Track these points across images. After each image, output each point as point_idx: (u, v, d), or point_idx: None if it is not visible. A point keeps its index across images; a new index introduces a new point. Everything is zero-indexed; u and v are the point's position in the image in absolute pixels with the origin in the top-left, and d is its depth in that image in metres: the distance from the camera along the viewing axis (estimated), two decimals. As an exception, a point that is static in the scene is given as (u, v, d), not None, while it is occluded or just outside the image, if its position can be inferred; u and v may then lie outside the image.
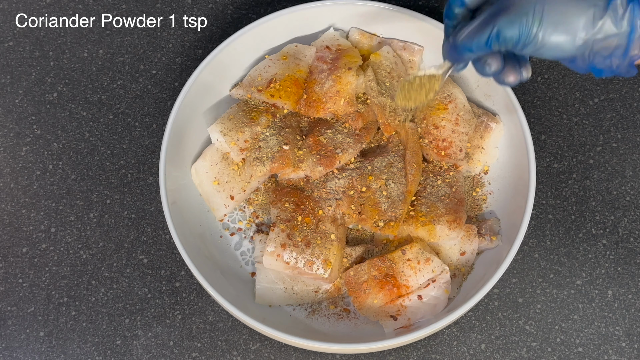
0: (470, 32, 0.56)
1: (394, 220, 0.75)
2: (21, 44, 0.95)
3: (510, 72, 0.59)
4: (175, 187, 0.77)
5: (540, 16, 0.52)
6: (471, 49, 0.56)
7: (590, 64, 0.54)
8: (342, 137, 0.79)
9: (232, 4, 0.97)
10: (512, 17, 0.53)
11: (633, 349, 0.78)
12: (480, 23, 0.55)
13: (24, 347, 0.80)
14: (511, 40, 0.53)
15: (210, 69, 0.81)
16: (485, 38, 0.54)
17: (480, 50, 0.56)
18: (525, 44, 0.53)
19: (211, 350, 0.79)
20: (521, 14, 0.52)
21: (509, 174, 0.80)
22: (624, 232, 0.83)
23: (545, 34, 0.52)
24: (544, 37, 0.52)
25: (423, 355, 0.78)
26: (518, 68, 0.59)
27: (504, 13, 0.53)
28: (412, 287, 0.74)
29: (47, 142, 0.90)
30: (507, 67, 0.59)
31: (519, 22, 0.53)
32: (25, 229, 0.85)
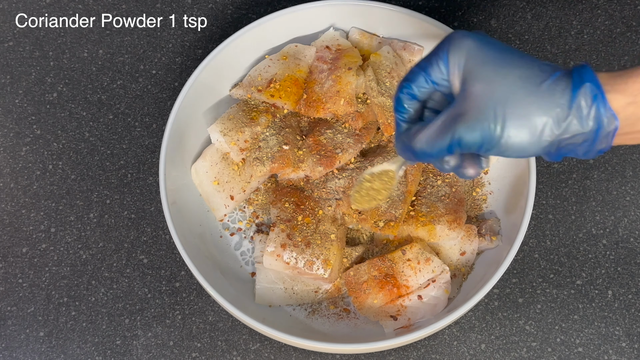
0: (428, 139, 0.52)
1: (394, 220, 0.75)
2: (21, 44, 0.95)
3: (469, 166, 0.56)
4: (175, 187, 0.77)
5: (502, 121, 0.49)
6: (431, 155, 0.53)
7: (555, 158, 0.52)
8: (342, 137, 0.79)
9: (232, 4, 0.97)
10: (472, 124, 0.50)
11: (633, 349, 0.78)
12: (438, 129, 0.52)
13: (24, 347, 0.80)
14: (474, 145, 0.50)
15: (210, 69, 0.81)
16: (445, 145, 0.51)
17: (441, 155, 0.53)
18: (488, 149, 0.50)
19: (211, 350, 0.79)
20: (481, 120, 0.49)
21: (509, 174, 0.80)
22: (624, 232, 0.83)
23: (509, 139, 0.49)
24: (508, 141, 0.49)
25: (423, 355, 0.78)
26: (477, 160, 0.56)
27: (463, 119, 0.50)
28: (412, 287, 0.74)
29: (47, 142, 0.90)
30: (466, 162, 0.56)
31: (480, 129, 0.49)
32: (25, 229, 0.85)
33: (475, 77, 0.50)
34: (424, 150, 0.53)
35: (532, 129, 0.49)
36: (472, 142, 0.50)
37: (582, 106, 0.49)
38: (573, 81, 0.49)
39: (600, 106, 0.49)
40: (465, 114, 0.50)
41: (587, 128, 0.49)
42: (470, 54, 0.51)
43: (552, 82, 0.49)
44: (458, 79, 0.52)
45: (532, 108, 0.49)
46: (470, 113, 0.50)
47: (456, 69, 0.52)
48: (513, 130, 0.49)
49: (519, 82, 0.49)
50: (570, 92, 0.49)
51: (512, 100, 0.49)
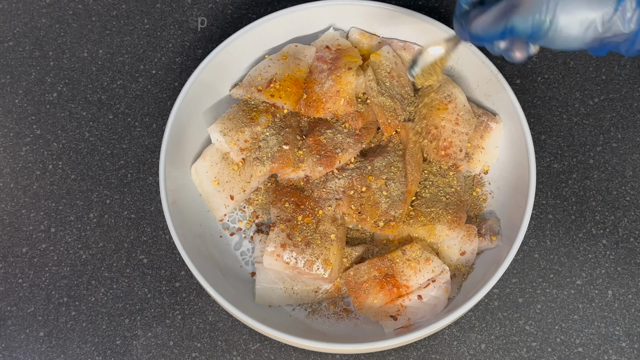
0: (484, 25, 0.58)
1: (394, 220, 0.75)
2: (21, 44, 0.95)
3: (517, 49, 0.60)
4: (175, 187, 0.77)
5: (552, 15, 0.53)
6: (485, 39, 0.59)
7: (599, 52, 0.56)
8: (342, 137, 0.79)
9: (232, 4, 0.97)
10: (525, 15, 0.54)
11: (633, 349, 0.78)
12: (494, 16, 0.57)
13: (24, 347, 0.80)
14: (524, 34, 0.55)
15: (210, 69, 0.81)
16: (499, 32, 0.57)
17: (494, 40, 0.58)
18: (536, 38, 0.55)
19: (211, 350, 0.79)
20: (534, 12, 0.54)
21: (509, 174, 0.80)
22: (624, 232, 0.83)
23: (557, 32, 0.54)
24: (555, 34, 0.54)
25: (423, 355, 0.78)
26: (526, 44, 0.60)
27: (518, 9, 0.55)
28: (412, 287, 0.74)
29: (47, 142, 0.90)
30: (516, 45, 0.60)
31: (531, 20, 0.54)
32: (25, 229, 0.85)
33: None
34: (478, 34, 0.59)
35: (579, 24, 0.53)
36: (523, 31, 0.55)
37: (627, 9, 0.52)
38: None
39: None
40: (520, 5, 0.55)
41: (628, 29, 0.53)
42: None
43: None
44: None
45: (582, 5, 0.53)
46: (525, 4, 0.54)
47: None
48: (561, 24, 0.53)
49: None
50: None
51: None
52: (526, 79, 0.91)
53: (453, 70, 0.85)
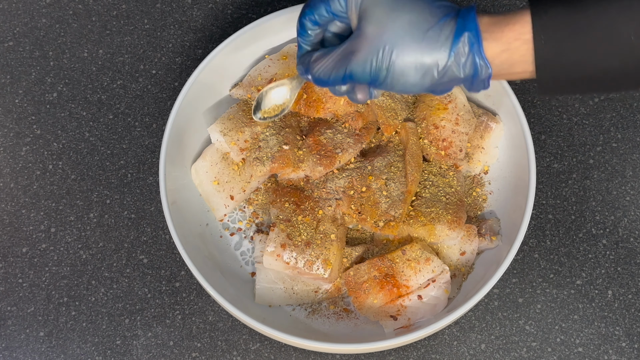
0: (325, 70, 0.58)
1: (394, 220, 0.75)
2: (21, 44, 0.95)
3: (360, 92, 0.60)
4: (175, 187, 0.77)
5: (387, 63, 0.54)
6: (328, 83, 0.58)
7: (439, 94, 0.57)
8: (342, 137, 0.79)
9: (232, 4, 0.97)
10: (362, 62, 0.55)
11: (633, 349, 0.78)
12: (333, 62, 0.57)
13: (24, 347, 0.80)
14: (363, 80, 0.56)
15: (210, 69, 0.81)
16: (340, 77, 0.57)
17: (337, 84, 0.58)
18: (376, 84, 0.56)
19: (211, 350, 0.79)
20: (370, 60, 0.54)
21: (509, 174, 0.80)
22: (624, 232, 0.83)
23: (394, 79, 0.55)
24: (393, 81, 0.55)
25: (423, 355, 0.78)
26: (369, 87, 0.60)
27: (355, 56, 0.55)
28: (412, 287, 0.74)
29: (47, 142, 0.90)
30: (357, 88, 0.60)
31: (369, 67, 0.55)
32: (25, 229, 0.85)
33: (369, 18, 0.55)
34: (321, 78, 0.59)
35: (415, 71, 0.54)
36: (362, 77, 0.56)
37: (460, 54, 0.53)
38: (457, 28, 0.53)
39: (476, 55, 0.53)
40: (357, 52, 0.55)
41: (463, 74, 0.54)
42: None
43: (437, 28, 0.53)
44: (355, 15, 0.56)
45: (416, 54, 0.53)
46: (362, 52, 0.55)
47: (353, 5, 0.56)
48: (397, 71, 0.54)
49: (407, 27, 0.53)
50: (451, 40, 0.53)
51: (399, 45, 0.53)
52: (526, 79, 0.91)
53: (453, 70, 0.85)
